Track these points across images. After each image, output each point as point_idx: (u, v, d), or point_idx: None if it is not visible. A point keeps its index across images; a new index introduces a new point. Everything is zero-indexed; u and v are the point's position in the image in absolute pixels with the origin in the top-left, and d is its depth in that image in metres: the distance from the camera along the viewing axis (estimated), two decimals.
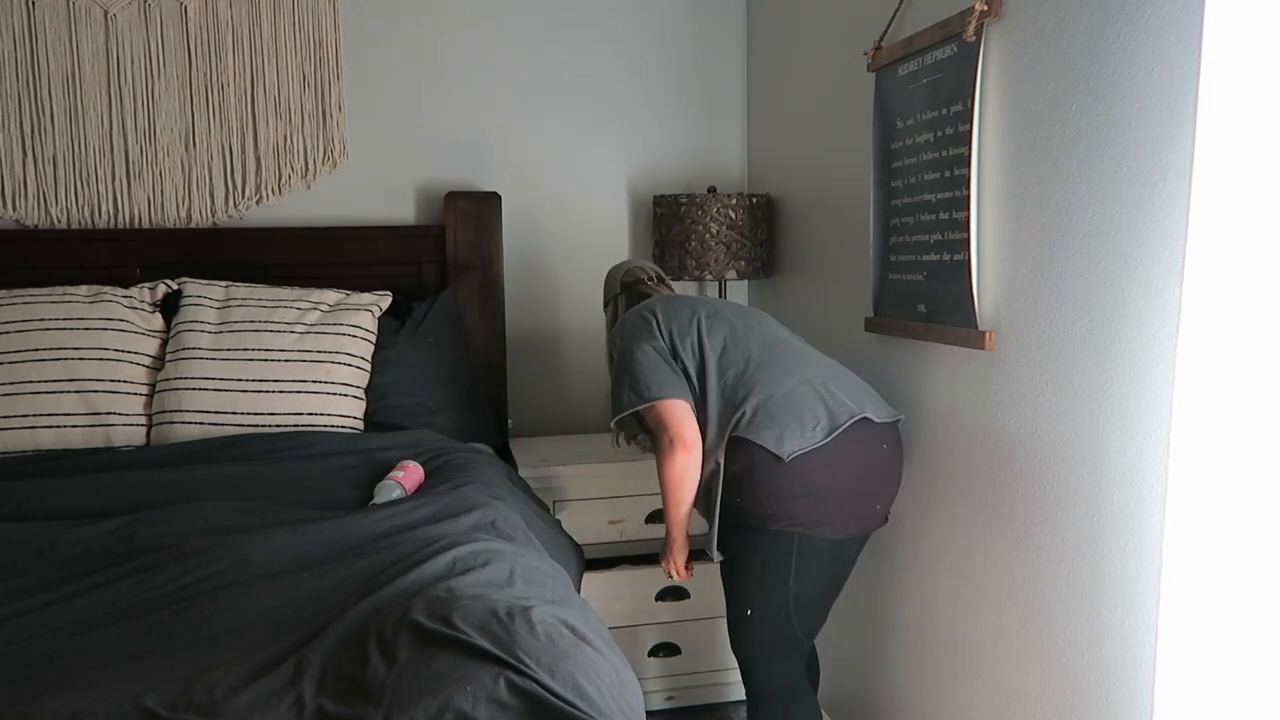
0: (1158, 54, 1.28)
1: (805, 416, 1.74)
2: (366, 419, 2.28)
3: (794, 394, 1.77)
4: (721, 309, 1.93)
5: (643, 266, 2.16)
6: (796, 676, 1.92)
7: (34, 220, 2.55)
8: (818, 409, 1.75)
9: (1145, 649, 1.34)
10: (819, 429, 1.74)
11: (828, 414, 1.75)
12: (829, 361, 1.90)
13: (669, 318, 1.87)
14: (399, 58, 2.74)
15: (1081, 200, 1.44)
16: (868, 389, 1.87)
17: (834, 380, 1.82)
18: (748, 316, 1.95)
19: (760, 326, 1.92)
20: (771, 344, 1.87)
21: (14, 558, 1.54)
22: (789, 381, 1.78)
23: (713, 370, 1.82)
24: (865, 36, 2.08)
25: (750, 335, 1.87)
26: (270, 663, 1.19)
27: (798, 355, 1.87)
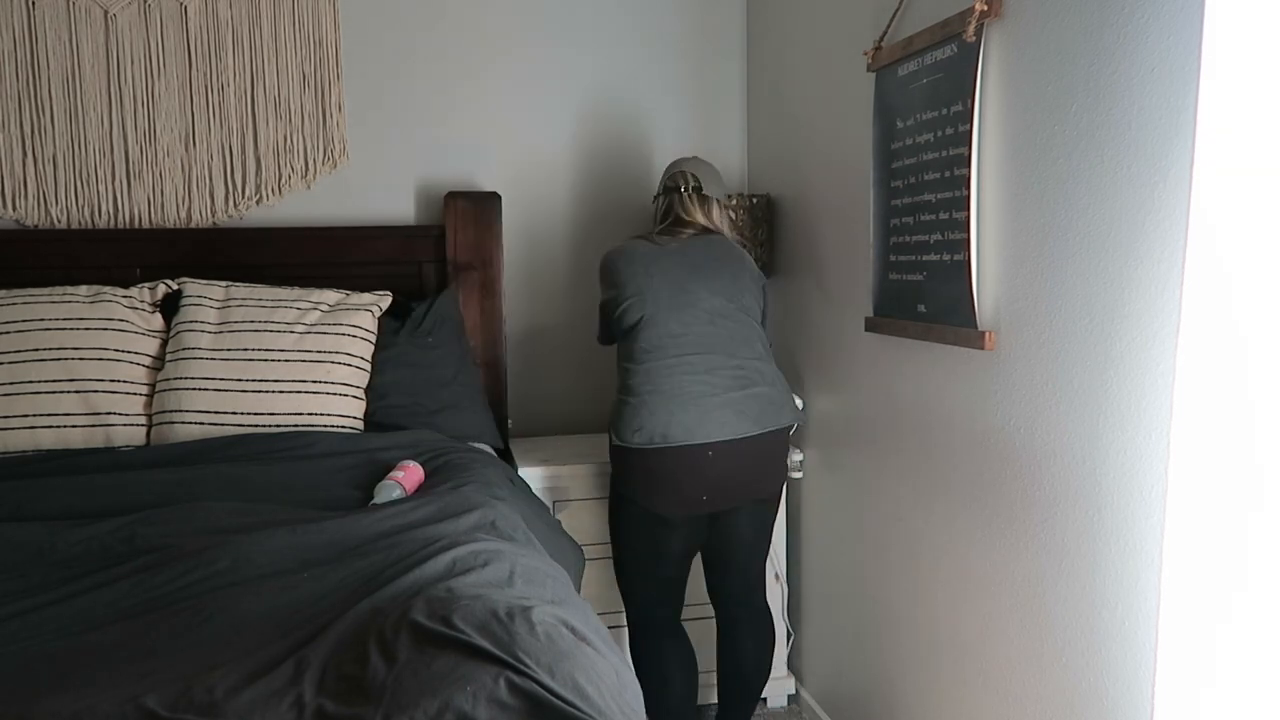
0: (1158, 54, 1.28)
1: (634, 421, 2.08)
2: (366, 419, 2.28)
3: (636, 400, 2.10)
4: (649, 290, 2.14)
5: (684, 172, 2.30)
6: (662, 613, 2.26)
7: (34, 220, 2.55)
8: (646, 420, 2.07)
9: (1145, 649, 1.34)
10: (638, 436, 2.07)
11: (649, 428, 2.07)
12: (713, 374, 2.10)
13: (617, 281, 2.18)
14: (399, 58, 2.74)
15: (1081, 200, 1.44)
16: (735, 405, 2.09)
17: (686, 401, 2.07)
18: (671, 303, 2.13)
19: (666, 321, 2.12)
20: (661, 346, 2.11)
21: (14, 558, 1.54)
22: (644, 389, 2.10)
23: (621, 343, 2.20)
24: (865, 36, 2.08)
25: (652, 328, 2.12)
26: (270, 663, 1.19)
27: (674, 365, 2.10)
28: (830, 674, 2.52)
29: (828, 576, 2.49)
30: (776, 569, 2.63)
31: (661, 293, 2.13)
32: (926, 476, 1.93)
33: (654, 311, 2.12)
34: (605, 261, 2.24)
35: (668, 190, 2.30)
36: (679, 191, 2.27)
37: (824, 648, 2.55)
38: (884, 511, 2.13)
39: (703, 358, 2.11)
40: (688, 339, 2.11)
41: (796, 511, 2.66)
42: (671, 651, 2.24)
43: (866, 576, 2.24)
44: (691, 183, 2.27)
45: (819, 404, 2.47)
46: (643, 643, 2.27)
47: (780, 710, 2.71)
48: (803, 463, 2.59)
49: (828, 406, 2.41)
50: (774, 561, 2.61)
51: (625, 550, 2.24)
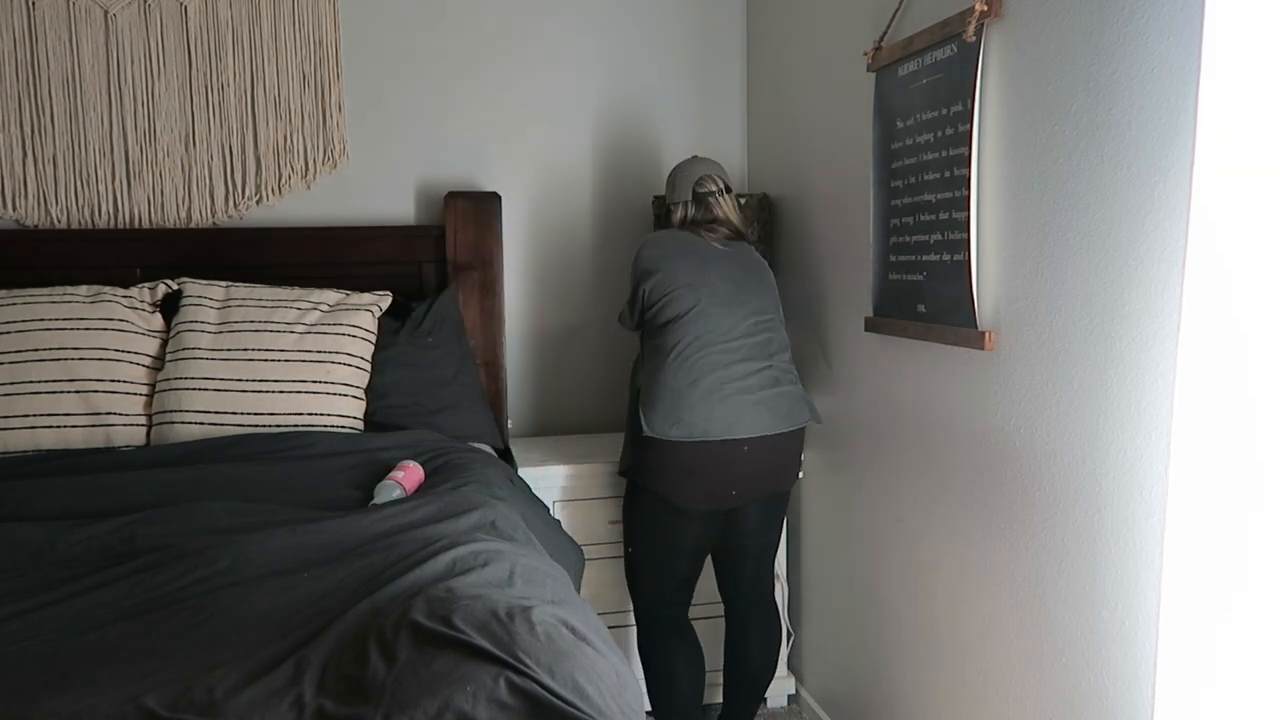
0: (1158, 54, 1.28)
1: (673, 414, 2.08)
2: (366, 419, 2.28)
3: (678, 393, 2.08)
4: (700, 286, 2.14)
5: (710, 176, 2.28)
6: (674, 612, 2.26)
7: (34, 220, 2.55)
8: (685, 414, 2.07)
9: (1145, 649, 1.34)
10: (677, 429, 2.07)
11: (689, 421, 2.07)
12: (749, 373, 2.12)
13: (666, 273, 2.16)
14: (399, 58, 2.74)
15: (1081, 200, 1.44)
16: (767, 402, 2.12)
17: (724, 397, 2.09)
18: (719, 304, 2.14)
19: (717, 319, 2.13)
20: (708, 341, 2.11)
21: (14, 558, 1.54)
22: (683, 382, 2.09)
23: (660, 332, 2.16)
24: (865, 36, 2.08)
25: (700, 321, 2.12)
26: (270, 663, 1.19)
27: (718, 359, 2.10)
28: (830, 674, 2.52)
29: (828, 576, 2.49)
30: (777, 569, 2.62)
31: (718, 289, 2.14)
32: (926, 476, 1.93)
33: (708, 306, 2.12)
34: (650, 248, 2.22)
35: (699, 195, 2.27)
36: (720, 194, 2.26)
37: (824, 648, 2.55)
38: (884, 511, 2.13)
39: (745, 358, 2.13)
40: (735, 338, 2.13)
41: (796, 511, 2.66)
42: (679, 650, 2.24)
43: (866, 576, 2.24)
44: (722, 185, 2.28)
45: (819, 404, 2.47)
46: (651, 640, 2.27)
47: (780, 710, 2.71)
48: (803, 462, 2.59)
49: (828, 406, 2.41)
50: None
51: (641, 545, 2.24)
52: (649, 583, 2.26)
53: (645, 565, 2.25)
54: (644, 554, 2.24)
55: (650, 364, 2.16)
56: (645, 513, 2.21)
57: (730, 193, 2.30)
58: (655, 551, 2.22)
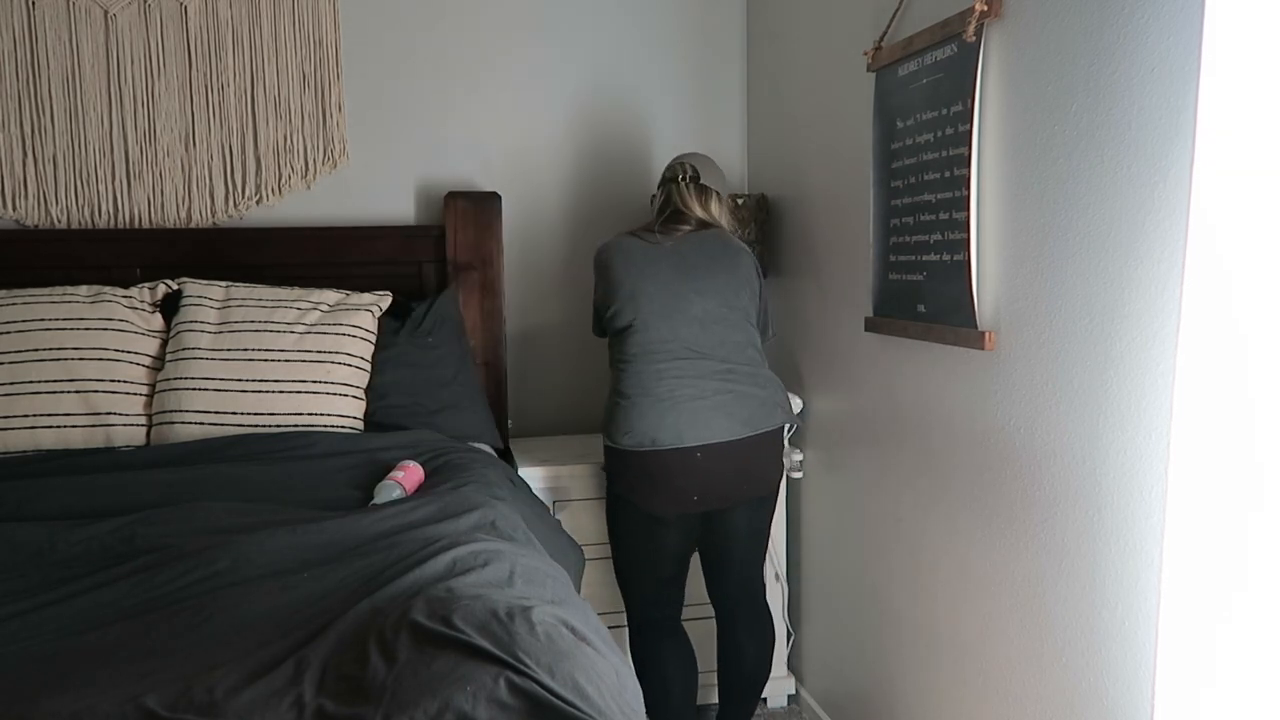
0: (1158, 54, 1.28)
1: (625, 424, 2.11)
2: (366, 419, 2.28)
3: (630, 401, 2.11)
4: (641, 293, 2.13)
5: (683, 163, 2.28)
6: (660, 613, 2.26)
7: (34, 220, 2.55)
8: (635, 422, 2.10)
9: (1145, 649, 1.34)
10: (628, 438, 2.10)
11: (639, 430, 2.09)
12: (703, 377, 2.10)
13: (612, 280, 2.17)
14: (399, 58, 2.74)
15: (1081, 200, 1.44)
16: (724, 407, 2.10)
17: (676, 404, 2.09)
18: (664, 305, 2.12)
19: (658, 326, 2.11)
20: (652, 350, 2.11)
21: (14, 558, 1.54)
22: (634, 390, 2.11)
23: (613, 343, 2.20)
24: (865, 36, 2.08)
25: (644, 332, 2.12)
26: (270, 663, 1.19)
27: (664, 370, 2.10)
28: (830, 674, 2.52)
29: (828, 576, 2.49)
30: (776, 569, 2.63)
31: (654, 298, 2.12)
32: (926, 476, 1.93)
33: (645, 317, 2.12)
34: (599, 257, 2.23)
35: (665, 181, 2.29)
36: (676, 182, 2.24)
37: (824, 648, 2.55)
38: (884, 511, 2.13)
39: (692, 363, 2.11)
40: (676, 344, 2.11)
41: (796, 511, 2.66)
42: (671, 652, 2.24)
43: (866, 576, 2.24)
44: (690, 173, 2.24)
45: (819, 404, 2.47)
46: (643, 644, 2.27)
47: (780, 710, 2.71)
48: (803, 463, 2.59)
49: (828, 406, 2.41)
50: (774, 561, 2.61)
51: (623, 551, 2.25)
52: (634, 586, 2.27)
53: (629, 569, 2.26)
54: (627, 558, 2.25)
55: (611, 375, 2.21)
56: (620, 518, 2.23)
57: (697, 180, 2.23)
58: (636, 555, 2.23)
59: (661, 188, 2.30)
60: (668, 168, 2.31)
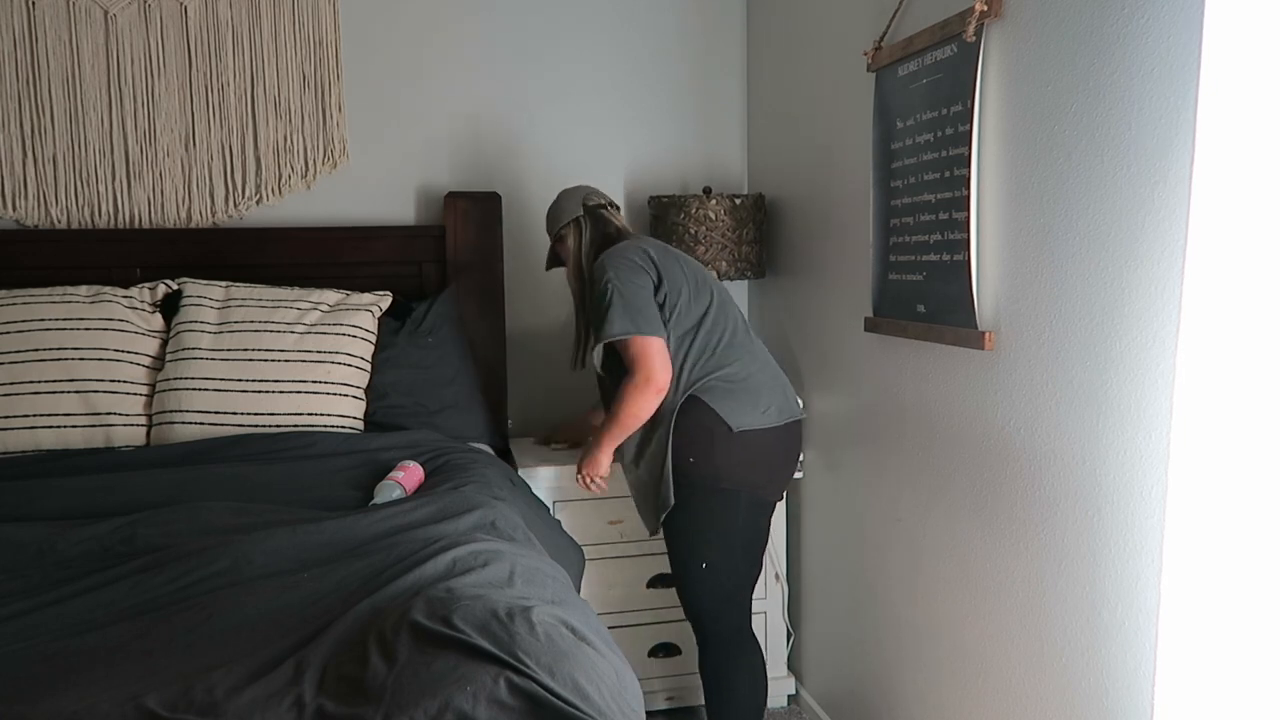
0: (1158, 54, 1.28)
1: (760, 401, 2.04)
2: (366, 419, 2.29)
3: (754, 379, 2.05)
4: (706, 277, 2.14)
5: (597, 191, 2.24)
6: (742, 620, 2.15)
7: (34, 220, 2.55)
8: (771, 398, 2.06)
9: (1145, 649, 1.34)
10: (768, 414, 2.04)
11: (777, 406, 2.06)
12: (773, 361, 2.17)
13: (665, 266, 2.05)
14: (399, 58, 2.74)
15: (1081, 200, 1.44)
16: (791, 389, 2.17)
17: (779, 377, 2.14)
18: (713, 293, 2.12)
19: (732, 309, 2.14)
20: (741, 328, 2.12)
21: (14, 558, 1.54)
22: (754, 366, 2.07)
23: (693, 333, 2.04)
24: (865, 36, 2.08)
25: (727, 312, 2.11)
26: (270, 663, 1.19)
27: (752, 344, 2.13)
28: (830, 674, 2.52)
29: (828, 576, 2.49)
30: (776, 569, 2.63)
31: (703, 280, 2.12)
32: (926, 477, 1.93)
33: (718, 297, 2.11)
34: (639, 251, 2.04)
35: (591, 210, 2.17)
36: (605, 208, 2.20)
37: (824, 648, 2.55)
38: (884, 511, 2.13)
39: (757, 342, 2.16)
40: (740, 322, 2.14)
41: (796, 511, 2.66)
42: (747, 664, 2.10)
43: (866, 576, 2.24)
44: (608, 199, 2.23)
45: (819, 404, 2.47)
46: (724, 656, 2.09)
47: (780, 710, 2.71)
48: (803, 463, 2.59)
49: (828, 406, 2.41)
50: (774, 561, 2.61)
51: (721, 554, 2.05)
52: (730, 593, 2.09)
53: (722, 575, 2.06)
54: (723, 562, 2.05)
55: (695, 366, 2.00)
56: (729, 517, 2.03)
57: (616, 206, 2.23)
58: (734, 555, 2.06)
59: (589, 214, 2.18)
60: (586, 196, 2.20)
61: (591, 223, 2.18)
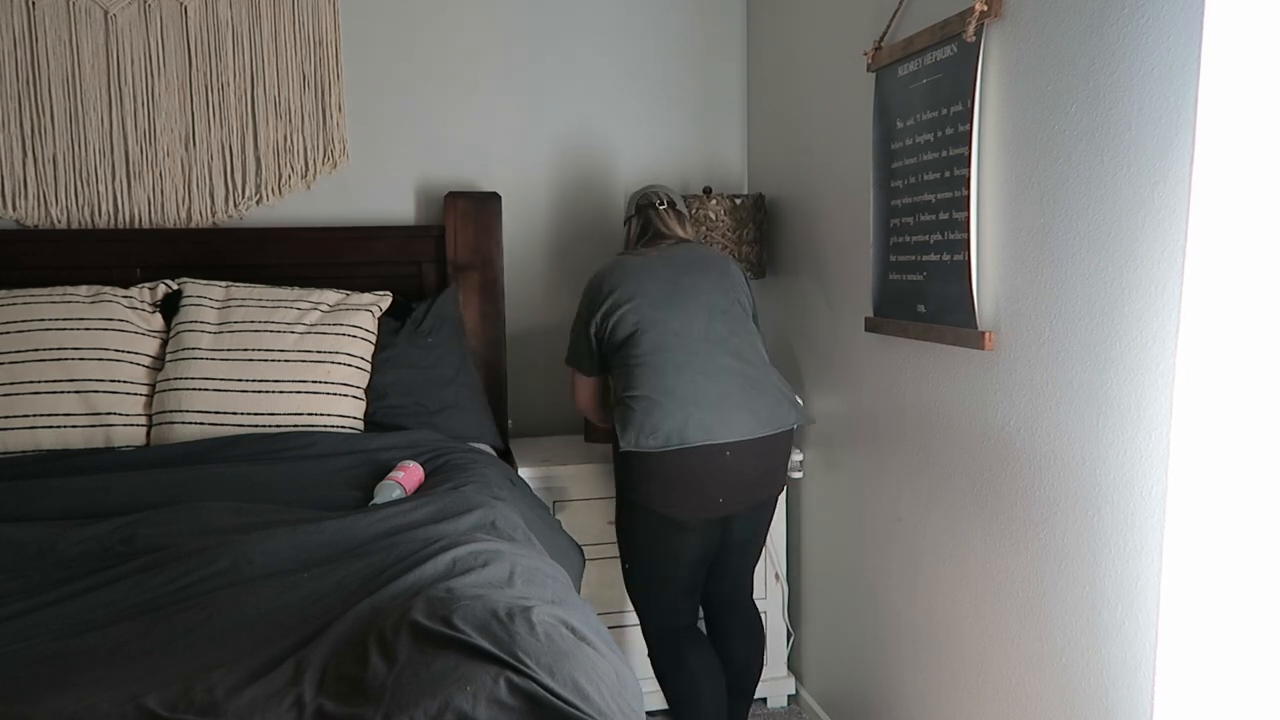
0: (1158, 54, 1.28)
1: (647, 424, 2.01)
2: (366, 419, 2.28)
3: (649, 400, 2.03)
4: (642, 294, 2.13)
5: (656, 191, 2.36)
6: (679, 620, 2.20)
7: (34, 220, 2.55)
8: (661, 421, 2.01)
9: (1145, 649, 1.34)
10: (653, 438, 2.01)
11: (665, 429, 2.00)
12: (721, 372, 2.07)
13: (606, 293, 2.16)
14: (399, 58, 2.74)
15: (1081, 200, 1.44)
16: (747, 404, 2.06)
17: (700, 400, 2.03)
18: (667, 304, 2.12)
19: (669, 320, 2.10)
20: (665, 345, 2.08)
21: (14, 558, 1.54)
22: (654, 387, 2.04)
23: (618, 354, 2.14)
24: (865, 36, 2.08)
25: (654, 329, 2.09)
26: (270, 663, 1.19)
27: (685, 361, 2.06)
28: (830, 674, 2.52)
29: (828, 576, 2.49)
30: (776, 569, 2.63)
31: (657, 294, 2.12)
32: (926, 477, 1.93)
33: (652, 312, 2.09)
34: (592, 280, 2.23)
35: (641, 209, 2.34)
36: (654, 208, 2.31)
37: (824, 648, 2.55)
38: (884, 511, 2.13)
39: (710, 356, 2.07)
40: (692, 336, 2.08)
41: (796, 511, 2.66)
42: (694, 657, 2.16)
43: (866, 576, 2.24)
44: (665, 200, 2.33)
45: (819, 404, 2.47)
46: (664, 653, 2.19)
47: (780, 710, 2.71)
48: (803, 463, 2.59)
49: (828, 406, 2.41)
50: (774, 561, 2.61)
51: (641, 562, 2.18)
52: (652, 597, 2.20)
53: (645, 581, 2.19)
54: (643, 570, 2.18)
55: (620, 383, 2.12)
56: (638, 528, 2.14)
57: (673, 206, 2.33)
58: (654, 567, 2.16)
59: (638, 214, 2.34)
60: (640, 196, 2.36)
61: (639, 222, 2.34)
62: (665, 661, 2.19)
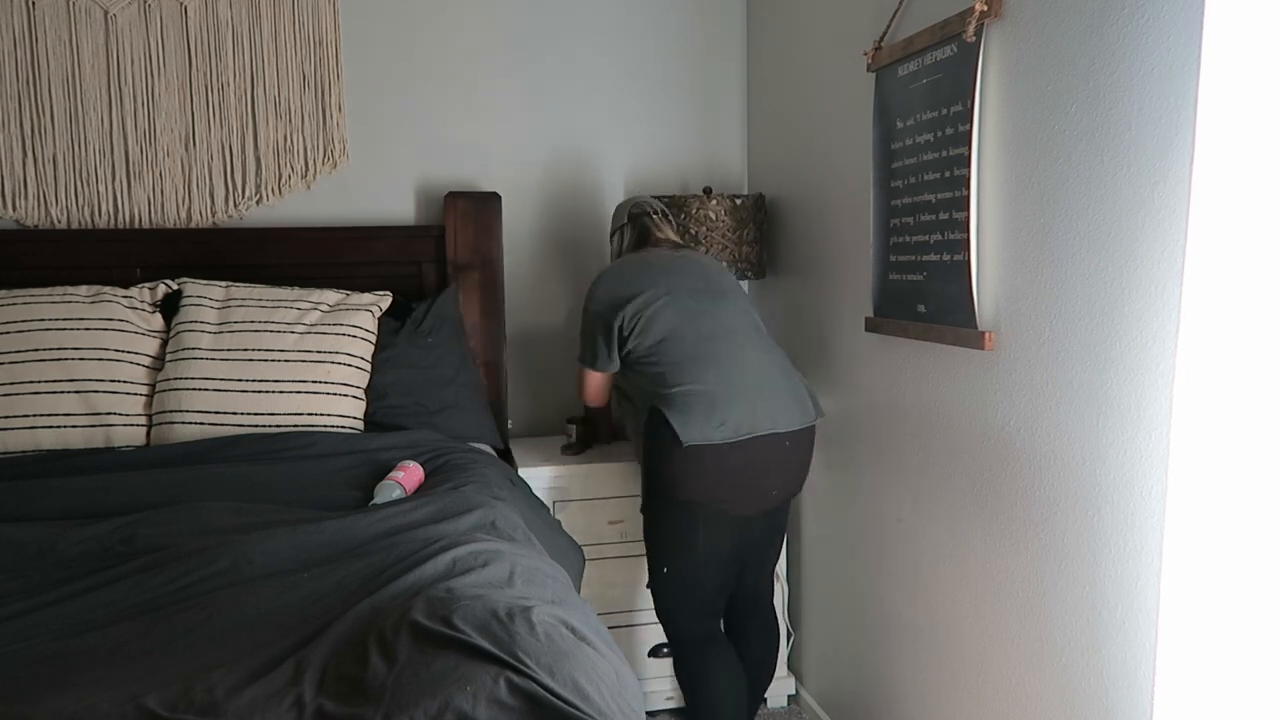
0: (1158, 54, 1.28)
1: (714, 415, 1.97)
2: (366, 419, 2.29)
3: (711, 393, 1.99)
4: (678, 290, 2.12)
5: (649, 200, 2.39)
6: (710, 624, 2.16)
7: (34, 220, 2.55)
8: (727, 412, 1.97)
9: (1145, 649, 1.34)
10: (723, 429, 1.96)
11: (734, 420, 1.97)
12: (766, 364, 2.08)
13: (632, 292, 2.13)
14: (399, 58, 2.74)
15: (1081, 200, 1.44)
16: (792, 393, 2.08)
17: (759, 390, 2.02)
18: (704, 299, 2.11)
19: (711, 313, 2.10)
20: (713, 336, 2.06)
21: (14, 558, 1.54)
22: (714, 379, 2.00)
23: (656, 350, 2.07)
24: (865, 36, 2.08)
25: (697, 323, 2.07)
26: (270, 663, 1.19)
27: (734, 353, 2.05)
28: (830, 674, 2.52)
29: (828, 576, 2.49)
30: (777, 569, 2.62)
31: (693, 288, 2.12)
32: (926, 477, 1.93)
33: (694, 305, 2.08)
34: (604, 281, 2.20)
35: (635, 217, 2.36)
36: (649, 216, 2.35)
37: (824, 648, 2.55)
38: (884, 511, 2.13)
39: (755, 348, 2.09)
40: (735, 328, 2.09)
41: (797, 511, 2.66)
42: (723, 671, 2.11)
43: (866, 576, 2.24)
44: (658, 209, 2.37)
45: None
46: (692, 657, 2.13)
47: (780, 710, 2.71)
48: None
49: (828, 406, 2.41)
50: None
51: (680, 561, 2.09)
52: (687, 599, 2.13)
53: (684, 581, 2.11)
54: (683, 570, 2.09)
55: (659, 379, 2.04)
56: (683, 527, 2.06)
57: (665, 214, 2.36)
58: (696, 566, 2.08)
59: (631, 223, 2.36)
60: (633, 205, 2.38)
61: (634, 230, 2.35)
62: (691, 670, 2.13)
